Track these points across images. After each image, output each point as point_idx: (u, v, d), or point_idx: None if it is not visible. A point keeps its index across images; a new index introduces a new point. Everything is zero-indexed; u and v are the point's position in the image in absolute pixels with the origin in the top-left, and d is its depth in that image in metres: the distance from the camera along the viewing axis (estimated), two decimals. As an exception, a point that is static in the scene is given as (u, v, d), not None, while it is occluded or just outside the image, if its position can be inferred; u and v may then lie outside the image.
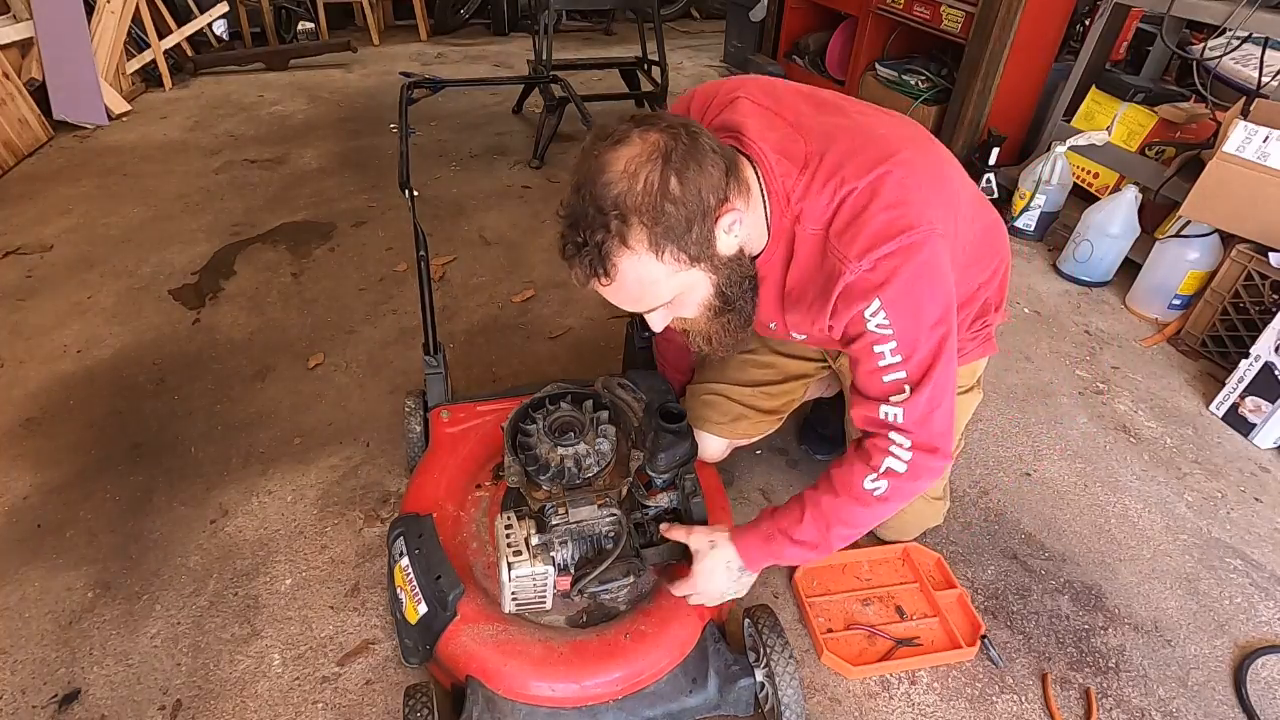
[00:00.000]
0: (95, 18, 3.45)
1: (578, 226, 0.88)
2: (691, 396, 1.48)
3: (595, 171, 0.86)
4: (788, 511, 1.10)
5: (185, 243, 2.54)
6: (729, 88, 1.07)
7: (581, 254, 0.88)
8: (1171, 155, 2.42)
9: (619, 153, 0.86)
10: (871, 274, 0.92)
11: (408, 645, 1.21)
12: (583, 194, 0.87)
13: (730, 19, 4.55)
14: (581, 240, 0.88)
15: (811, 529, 1.06)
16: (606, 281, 0.91)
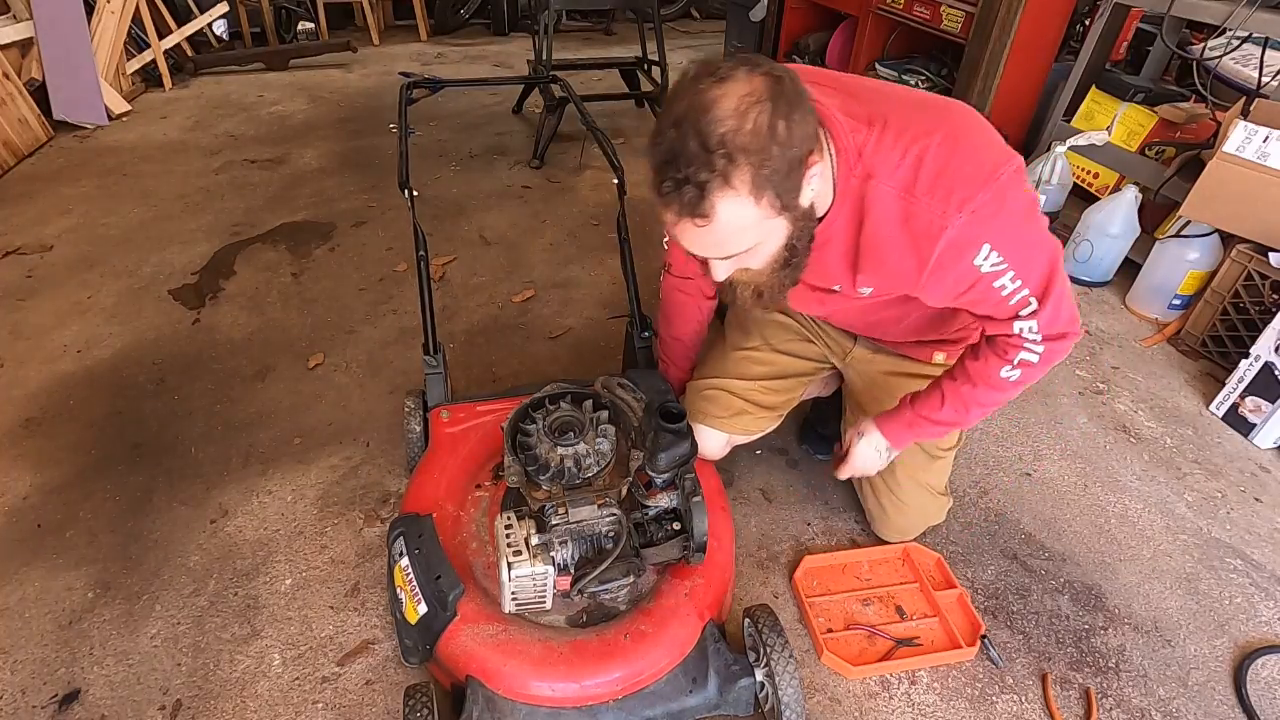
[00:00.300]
0: (95, 18, 3.45)
1: (677, 163, 0.83)
2: (692, 391, 1.48)
3: (701, 107, 0.82)
4: (928, 399, 1.20)
5: (185, 243, 2.54)
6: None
7: (681, 191, 0.84)
8: (1171, 155, 2.42)
9: (727, 89, 0.82)
10: (973, 223, 0.96)
11: (408, 645, 1.21)
12: (685, 129, 0.82)
13: (730, 19, 4.55)
14: (683, 177, 0.83)
15: (950, 412, 1.18)
16: (701, 223, 0.87)
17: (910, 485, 1.41)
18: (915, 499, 1.43)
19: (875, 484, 1.45)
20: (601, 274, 2.44)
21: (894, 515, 1.46)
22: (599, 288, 2.37)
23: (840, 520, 1.60)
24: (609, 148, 1.76)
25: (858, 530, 1.58)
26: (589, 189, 3.03)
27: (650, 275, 2.42)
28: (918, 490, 1.42)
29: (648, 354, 1.63)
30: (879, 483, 1.44)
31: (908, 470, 1.40)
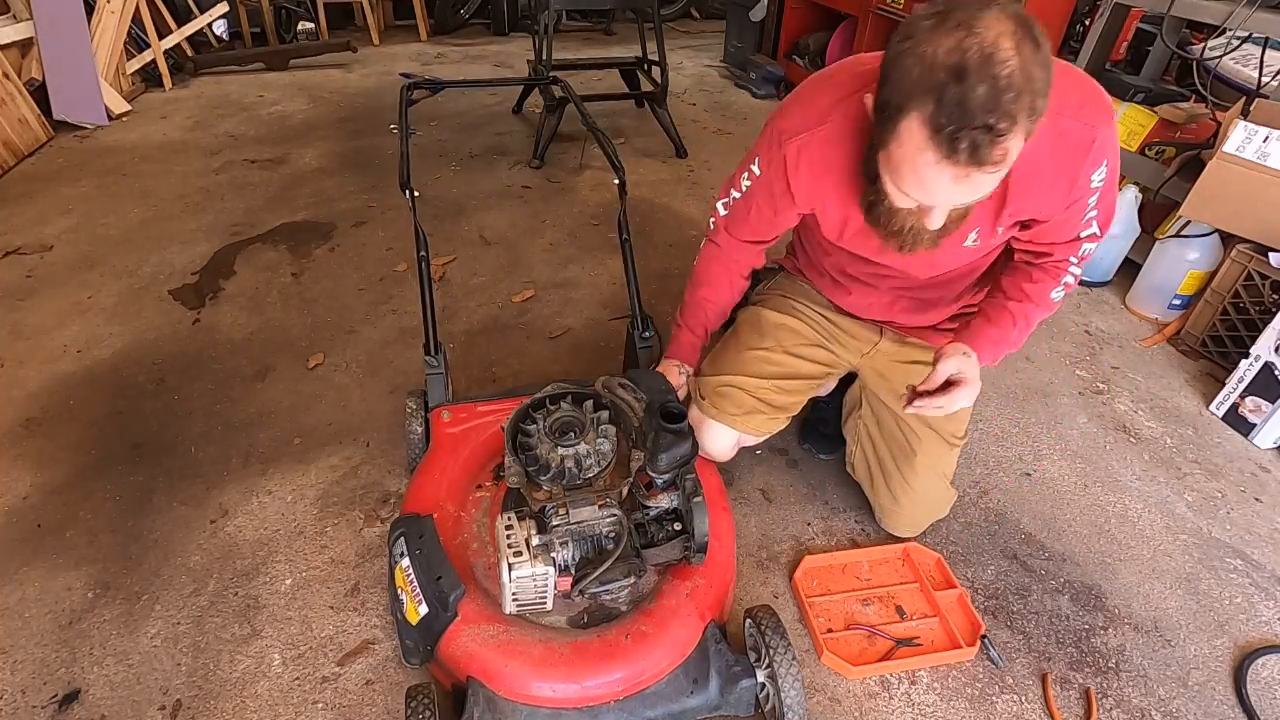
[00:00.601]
0: (95, 18, 3.45)
1: (969, 114, 0.81)
2: (705, 387, 1.48)
3: (982, 54, 0.80)
4: (999, 319, 1.24)
5: (185, 243, 2.54)
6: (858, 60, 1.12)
7: (974, 142, 0.83)
8: (1171, 155, 2.42)
9: (992, 30, 0.80)
10: (1108, 137, 1.02)
11: (408, 646, 1.21)
12: (970, 79, 0.80)
13: (730, 19, 4.55)
14: (980, 125, 0.81)
15: (1019, 331, 1.25)
16: (991, 169, 0.86)
17: (929, 474, 1.42)
18: (930, 488, 1.44)
19: (890, 475, 1.45)
20: (601, 274, 2.44)
21: (907, 506, 1.46)
22: (599, 288, 2.37)
23: (840, 520, 1.60)
24: (609, 148, 1.76)
25: (858, 530, 1.58)
26: (589, 189, 3.03)
27: (650, 275, 2.42)
28: (935, 479, 1.44)
29: (648, 354, 1.63)
30: (895, 473, 1.44)
31: (927, 459, 1.41)
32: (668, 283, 2.38)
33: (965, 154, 0.84)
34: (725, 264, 1.42)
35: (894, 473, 1.45)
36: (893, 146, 0.90)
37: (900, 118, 0.87)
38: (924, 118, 0.84)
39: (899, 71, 0.85)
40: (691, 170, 3.24)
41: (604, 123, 3.66)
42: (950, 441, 1.42)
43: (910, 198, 0.97)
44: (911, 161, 0.89)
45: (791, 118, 1.13)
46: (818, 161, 1.13)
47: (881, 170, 0.97)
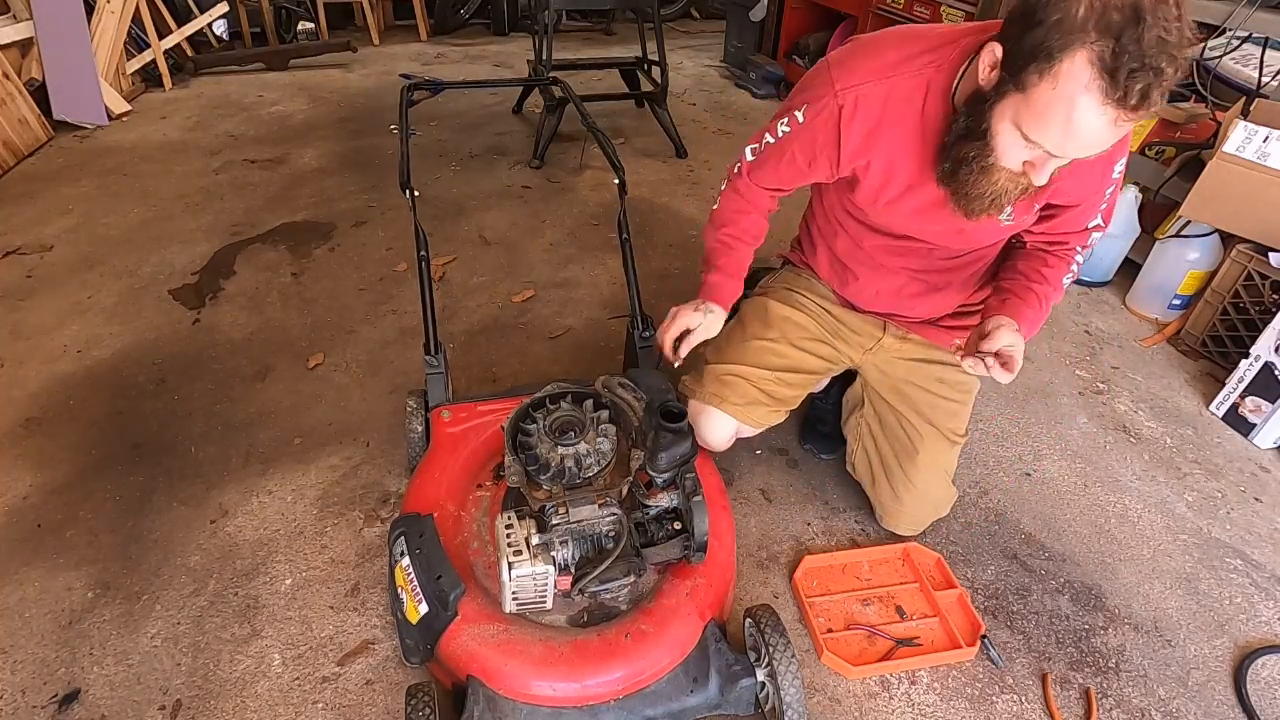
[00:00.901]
0: (95, 18, 3.45)
1: (1150, 54, 0.81)
2: (709, 375, 1.47)
3: (1158, 0, 0.81)
4: (1026, 303, 1.24)
5: (185, 243, 2.54)
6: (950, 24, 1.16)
7: (1149, 83, 0.83)
8: (1171, 155, 2.42)
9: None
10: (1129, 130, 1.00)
11: (409, 645, 1.21)
12: (1149, 22, 0.80)
13: (730, 19, 4.55)
14: (1155, 68, 0.82)
15: (1043, 311, 1.26)
16: (1146, 114, 0.87)
17: (930, 471, 1.42)
18: (932, 486, 1.44)
19: (893, 472, 1.46)
20: (601, 274, 2.44)
21: (909, 504, 1.46)
22: (599, 288, 2.37)
23: (840, 520, 1.60)
24: (609, 148, 1.76)
25: (858, 530, 1.58)
26: (589, 189, 3.03)
27: (650, 275, 2.42)
28: (937, 476, 1.44)
29: (648, 354, 1.63)
30: (897, 471, 1.45)
31: (929, 456, 1.41)
32: (668, 283, 2.38)
33: (1137, 95, 0.83)
34: (746, 207, 1.38)
35: (896, 470, 1.45)
36: (1042, 89, 0.87)
37: (1061, 58, 0.84)
38: (1095, 55, 0.83)
39: (1059, 13, 0.84)
40: (691, 170, 3.25)
41: (604, 123, 3.66)
42: (951, 439, 1.42)
43: (1036, 149, 0.95)
44: (1068, 102, 0.86)
45: (853, 70, 1.10)
46: (875, 115, 1.11)
47: (1002, 120, 0.95)
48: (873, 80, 1.09)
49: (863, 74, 1.10)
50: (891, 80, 1.08)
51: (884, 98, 1.09)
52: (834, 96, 1.11)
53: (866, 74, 1.09)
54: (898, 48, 1.09)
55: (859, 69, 1.10)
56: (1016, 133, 0.94)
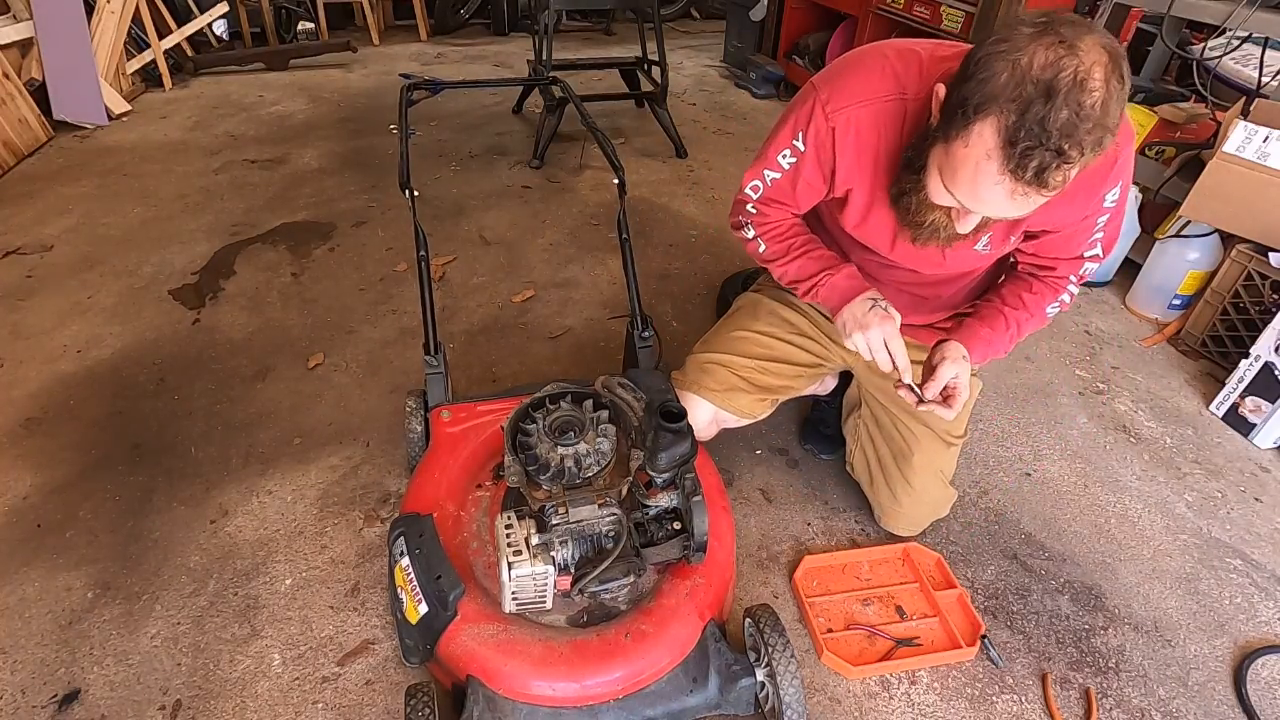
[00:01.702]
0: (95, 18, 3.45)
1: (1045, 135, 0.81)
2: (692, 364, 1.49)
3: (1075, 81, 0.80)
4: (994, 321, 1.26)
5: (185, 243, 2.54)
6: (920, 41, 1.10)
7: (1042, 164, 0.83)
8: (1171, 155, 2.42)
9: (1088, 59, 0.81)
10: (1129, 155, 1.02)
11: (408, 645, 1.21)
12: (1057, 102, 0.80)
13: (730, 19, 4.55)
14: (1053, 148, 0.82)
15: (1010, 337, 1.27)
16: (1046, 193, 0.88)
17: (926, 472, 1.42)
18: (930, 487, 1.44)
19: (890, 474, 1.45)
20: (601, 274, 2.44)
21: (907, 505, 1.46)
22: (599, 288, 2.37)
23: (840, 520, 1.60)
24: (609, 148, 1.76)
25: (858, 530, 1.58)
26: (589, 189, 3.03)
27: (650, 275, 2.42)
28: (933, 478, 1.44)
29: (648, 354, 1.63)
30: (894, 472, 1.44)
31: (925, 457, 1.41)
32: (668, 283, 2.39)
33: (1031, 172, 0.84)
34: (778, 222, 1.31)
35: (893, 472, 1.45)
36: (957, 145, 0.89)
37: (975, 119, 0.86)
38: (1000, 125, 0.84)
39: (986, 72, 0.84)
40: (691, 170, 3.25)
41: (604, 123, 3.66)
42: (948, 440, 1.42)
43: (953, 198, 0.96)
44: (973, 165, 0.88)
45: (842, 92, 1.10)
46: (863, 137, 1.11)
47: (933, 164, 0.96)
48: (859, 104, 1.09)
49: (850, 96, 1.10)
50: (877, 105, 1.09)
51: (872, 121, 1.10)
52: (825, 119, 1.11)
53: (854, 97, 1.10)
54: (885, 69, 1.08)
55: (848, 91, 1.10)
56: (939, 178, 0.96)
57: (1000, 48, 0.84)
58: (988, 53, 0.85)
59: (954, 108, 0.89)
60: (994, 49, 0.85)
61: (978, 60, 0.86)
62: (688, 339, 1.96)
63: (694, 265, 2.50)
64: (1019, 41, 0.83)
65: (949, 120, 0.90)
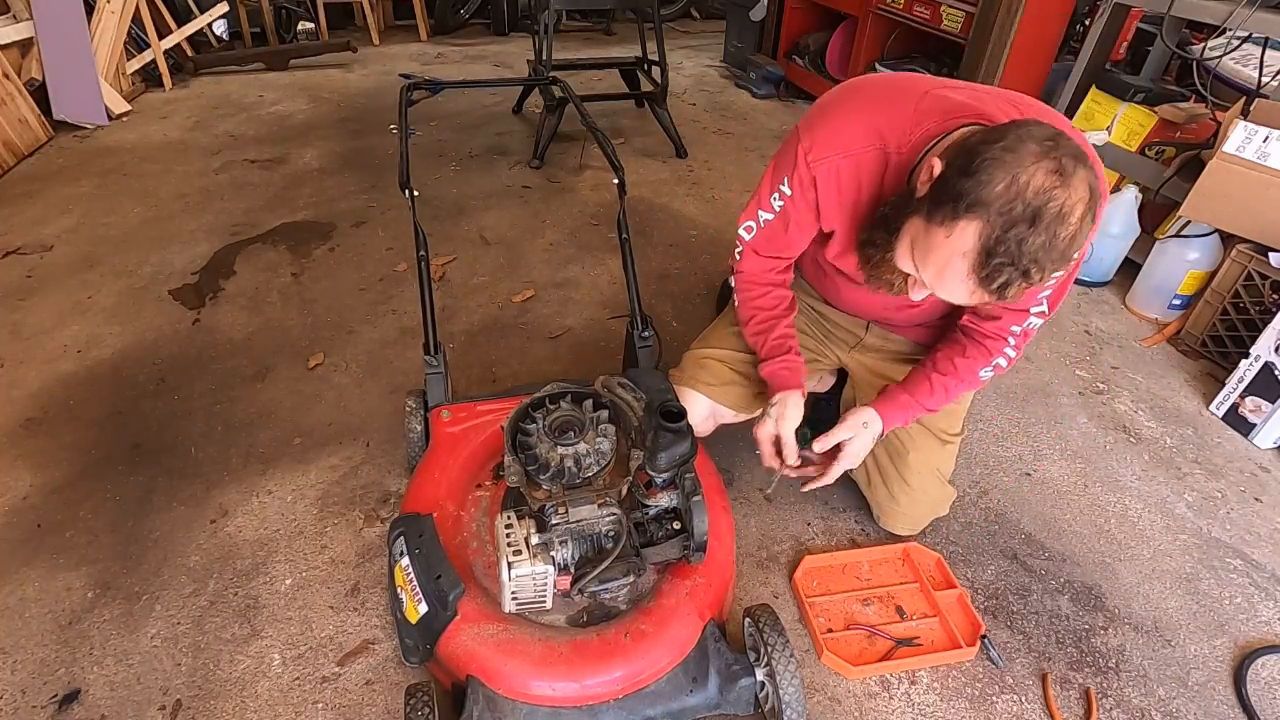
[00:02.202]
0: (95, 18, 3.45)
1: (1019, 256, 0.86)
2: (688, 361, 1.51)
3: (1061, 211, 0.85)
4: (918, 386, 1.30)
5: (185, 243, 2.54)
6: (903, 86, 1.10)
7: (1007, 279, 0.89)
8: (1171, 155, 2.42)
9: (1074, 194, 0.85)
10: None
11: (408, 645, 1.21)
12: (1039, 229, 0.85)
13: (730, 19, 4.55)
14: (1020, 269, 0.87)
15: (936, 400, 1.29)
16: (1001, 301, 0.94)
17: (923, 471, 1.42)
18: (927, 486, 1.44)
19: (887, 473, 1.45)
20: (601, 274, 2.44)
21: (905, 504, 1.46)
22: (599, 288, 2.37)
23: (840, 520, 1.60)
24: (609, 148, 1.76)
25: (858, 530, 1.58)
26: (589, 189, 3.03)
27: (650, 275, 2.42)
28: (930, 476, 1.44)
29: (648, 353, 1.63)
30: (891, 471, 1.45)
31: (921, 456, 1.41)
32: (667, 283, 2.39)
33: (995, 284, 0.90)
34: (758, 291, 1.37)
35: (890, 471, 1.45)
36: (938, 231, 0.91)
37: (963, 216, 0.88)
38: (983, 233, 0.87)
39: (987, 174, 0.86)
40: (691, 170, 3.25)
41: (604, 123, 3.66)
42: (943, 439, 1.42)
43: (917, 272, 0.99)
44: (947, 257, 0.91)
45: (823, 143, 1.13)
46: (844, 185, 1.14)
47: (907, 233, 0.98)
48: (840, 156, 1.11)
49: (831, 148, 1.12)
50: (857, 157, 1.11)
51: (852, 171, 1.12)
52: (807, 167, 1.14)
53: (834, 148, 1.12)
54: (866, 125, 1.09)
55: (828, 143, 1.12)
56: (910, 250, 0.98)
57: (1006, 157, 0.85)
58: (994, 157, 0.86)
59: (946, 195, 0.90)
60: (1001, 155, 0.86)
61: (983, 160, 0.87)
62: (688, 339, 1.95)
63: (694, 265, 2.50)
64: (1024, 157, 0.85)
65: (937, 203, 0.91)
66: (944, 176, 0.92)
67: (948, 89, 1.08)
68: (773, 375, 1.36)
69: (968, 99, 1.05)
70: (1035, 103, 1.10)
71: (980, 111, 1.03)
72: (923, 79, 1.12)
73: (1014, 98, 1.09)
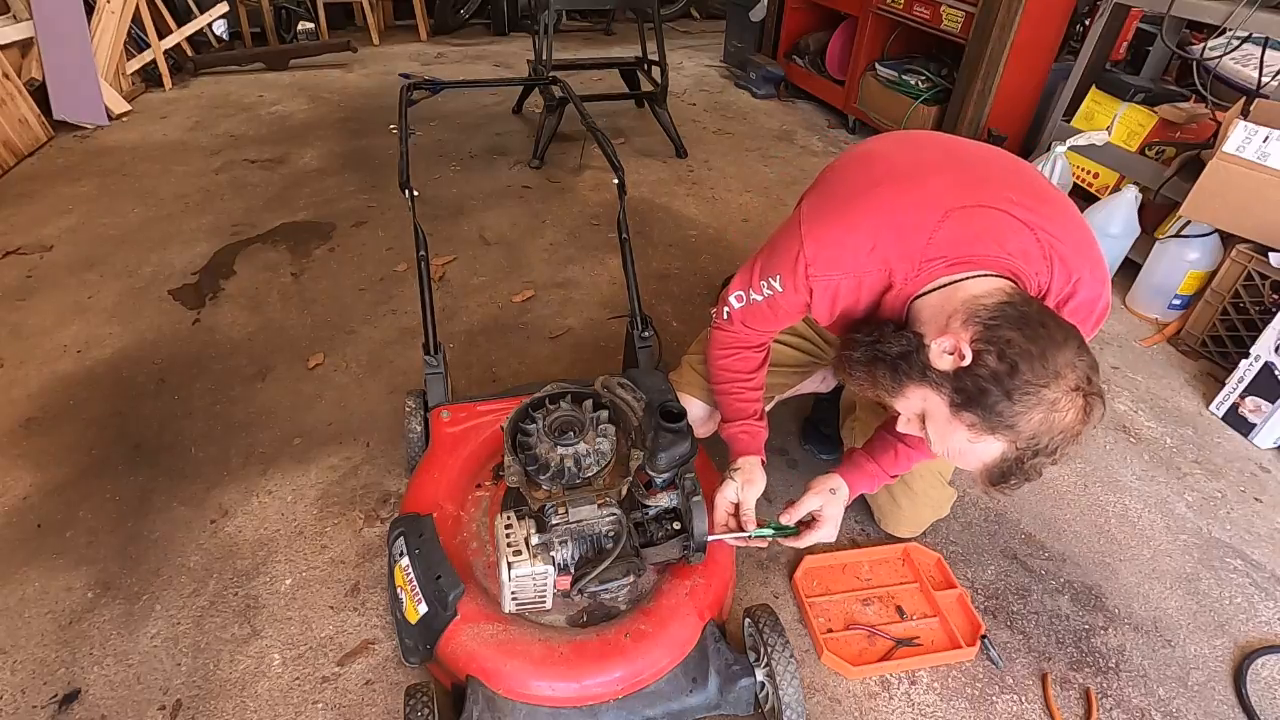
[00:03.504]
0: (95, 18, 3.45)
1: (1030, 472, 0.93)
2: (685, 364, 1.50)
3: (1069, 437, 0.90)
4: (884, 454, 1.27)
5: (185, 243, 2.54)
6: (919, 206, 1.00)
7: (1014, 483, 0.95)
8: (1171, 155, 2.42)
9: (1094, 419, 0.90)
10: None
11: (408, 645, 1.21)
12: (1053, 453, 0.90)
13: (730, 19, 4.55)
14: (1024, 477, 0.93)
15: (902, 465, 1.27)
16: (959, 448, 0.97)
17: (925, 474, 1.42)
18: (929, 489, 1.44)
19: None
20: (601, 274, 2.44)
21: (907, 507, 1.46)
22: (599, 288, 2.37)
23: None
24: (609, 148, 1.75)
25: (858, 530, 1.58)
26: (589, 189, 3.03)
27: (650, 275, 2.42)
28: (932, 479, 1.44)
29: (648, 354, 1.63)
30: None
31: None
32: (667, 283, 2.39)
33: (1001, 486, 0.96)
34: (728, 354, 1.31)
35: None
36: (963, 431, 0.93)
37: (993, 433, 0.91)
38: (1007, 454, 0.92)
39: (1025, 406, 0.88)
40: (691, 170, 3.25)
41: (604, 123, 3.66)
42: None
43: (924, 434, 1.01)
44: (964, 451, 0.95)
45: (825, 260, 1.04)
46: (840, 298, 1.08)
47: (916, 396, 0.97)
48: (841, 274, 1.04)
49: (832, 266, 1.04)
50: (857, 278, 1.04)
51: (852, 288, 1.05)
52: (805, 278, 1.06)
53: (836, 267, 1.04)
54: (871, 249, 1.01)
55: (831, 260, 1.04)
56: (919, 417, 1.00)
57: (1045, 395, 0.87)
58: (1033, 391, 0.87)
59: (980, 404, 0.90)
60: (1040, 382, 0.87)
61: (1023, 390, 0.87)
62: (687, 339, 1.95)
63: (694, 265, 2.50)
64: (1062, 388, 0.87)
65: (969, 403, 0.91)
66: (978, 377, 0.89)
67: (967, 208, 0.98)
68: (733, 438, 1.32)
69: (985, 227, 0.97)
70: (1045, 190, 1.05)
71: (997, 257, 0.97)
72: (944, 187, 1.01)
73: (1028, 189, 1.02)
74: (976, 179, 1.04)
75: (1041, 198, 1.02)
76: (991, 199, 0.99)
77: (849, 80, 3.66)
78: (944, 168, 1.05)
